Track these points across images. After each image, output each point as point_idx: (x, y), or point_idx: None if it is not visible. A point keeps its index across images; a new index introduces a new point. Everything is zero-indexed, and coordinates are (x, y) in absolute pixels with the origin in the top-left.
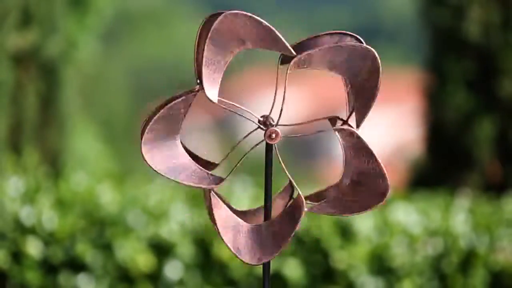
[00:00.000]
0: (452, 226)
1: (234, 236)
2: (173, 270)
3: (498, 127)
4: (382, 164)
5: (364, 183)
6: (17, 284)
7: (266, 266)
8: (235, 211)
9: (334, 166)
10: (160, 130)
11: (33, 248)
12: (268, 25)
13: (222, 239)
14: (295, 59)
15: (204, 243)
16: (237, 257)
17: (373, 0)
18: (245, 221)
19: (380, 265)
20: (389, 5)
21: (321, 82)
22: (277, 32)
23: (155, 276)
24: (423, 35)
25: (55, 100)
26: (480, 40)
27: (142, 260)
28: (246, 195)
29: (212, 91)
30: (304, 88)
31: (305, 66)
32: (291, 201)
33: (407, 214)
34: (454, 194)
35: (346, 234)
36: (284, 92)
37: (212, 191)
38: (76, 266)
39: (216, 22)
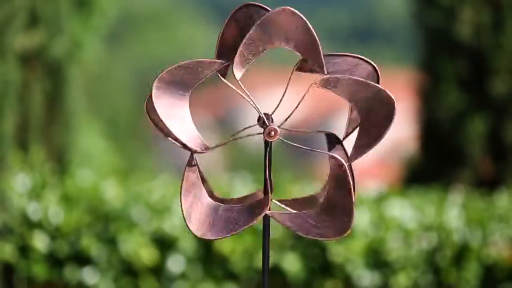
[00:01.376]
0: (445, 221)
1: (192, 203)
2: (175, 264)
3: (489, 125)
4: (354, 205)
5: (331, 214)
6: (24, 277)
7: (266, 260)
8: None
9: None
10: (177, 78)
11: (40, 242)
12: (316, 36)
13: (180, 200)
14: (324, 77)
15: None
16: (185, 222)
17: (369, 2)
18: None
19: (376, 258)
20: (385, 7)
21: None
22: (320, 46)
23: (158, 270)
24: (416, 36)
25: (61, 98)
26: (472, 41)
27: (146, 254)
28: (246, 191)
29: (239, 68)
30: (303, 87)
31: (329, 88)
32: (260, 197)
33: (402, 210)
34: (447, 190)
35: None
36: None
37: (194, 154)
38: (82, 259)
39: (274, 11)
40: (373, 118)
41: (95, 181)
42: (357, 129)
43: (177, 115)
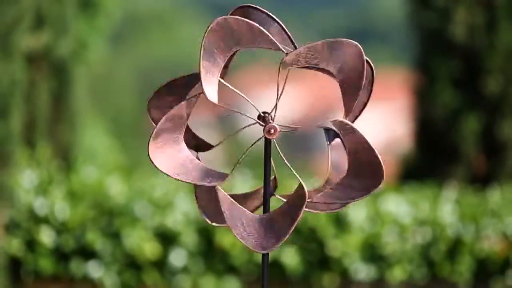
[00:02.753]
0: (440, 216)
1: (240, 226)
2: (177, 258)
3: (483, 123)
4: (378, 153)
5: (361, 174)
6: (31, 270)
7: (265, 254)
8: (236, 196)
9: (327, 162)
10: (166, 133)
11: (46, 236)
12: (258, 26)
13: (231, 230)
14: (285, 57)
15: (207, 232)
16: (244, 245)
17: (365, 3)
18: (246, 205)
19: (372, 253)
20: (381, 8)
21: (317, 80)
22: (266, 33)
23: (161, 263)
24: (412, 37)
25: (66, 97)
26: (466, 41)
27: (149, 248)
28: (246, 187)
29: (212, 94)
30: (302, 85)
31: (298, 64)
32: (293, 194)
33: (397, 205)
34: (441, 186)
35: (340, 223)
36: (281, 90)
37: (217, 187)
38: (87, 253)
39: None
40: (349, 76)
41: (99, 177)
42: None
43: (183, 165)
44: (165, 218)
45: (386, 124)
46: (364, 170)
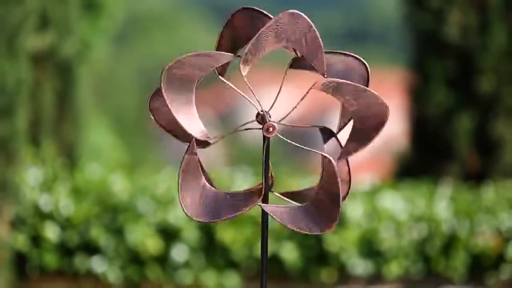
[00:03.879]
0: (435, 212)
1: (190, 188)
2: (179, 253)
3: (476, 121)
4: (340, 206)
5: (318, 210)
6: (36, 265)
7: (264, 249)
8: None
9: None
10: (185, 71)
11: (51, 232)
12: (319, 40)
13: (179, 185)
14: (324, 81)
15: (208, 228)
16: (182, 207)
17: (363, 5)
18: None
19: (369, 248)
20: (377, 10)
21: (315, 79)
22: (323, 51)
23: (163, 258)
24: (407, 38)
25: (71, 97)
26: (459, 42)
27: (151, 244)
28: (246, 184)
29: (245, 65)
30: (300, 85)
31: (328, 91)
32: (255, 189)
33: (394, 202)
34: (436, 183)
35: (338, 219)
36: (300, 101)
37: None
38: (91, 249)
39: (283, 13)
40: (366, 122)
41: (103, 174)
42: (350, 126)
43: (184, 107)
44: (167, 214)
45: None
46: (323, 205)
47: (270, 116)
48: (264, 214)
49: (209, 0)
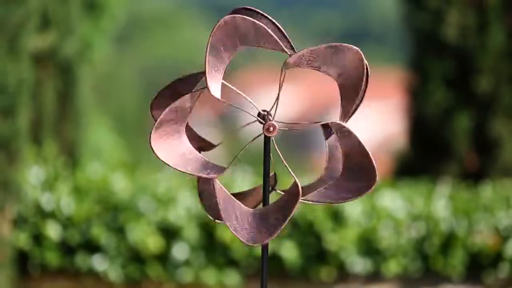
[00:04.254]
0: (433, 211)
1: (234, 219)
2: (180, 251)
3: (474, 121)
4: (371, 157)
5: (355, 177)
6: (38, 263)
7: (265, 247)
8: (233, 195)
9: (324, 159)
10: (169, 124)
11: (53, 231)
12: (264, 26)
13: (223, 221)
14: (288, 58)
15: (208, 227)
16: (235, 236)
17: (362, 5)
18: (247, 202)
19: (368, 246)
20: (377, 10)
21: (315, 79)
22: (272, 33)
23: (164, 257)
24: (406, 38)
25: (72, 96)
26: (458, 42)
27: (152, 242)
28: (246, 183)
29: (215, 88)
30: (300, 85)
31: (300, 66)
32: (288, 190)
33: (392, 200)
34: (435, 182)
35: (337, 218)
36: (279, 90)
37: (214, 179)
38: (92, 247)
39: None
40: (350, 79)
41: (104, 173)
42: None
43: (184, 156)
44: (168, 213)
45: (381, 122)
46: (357, 172)
47: (271, 116)
48: None
49: (210, 1)
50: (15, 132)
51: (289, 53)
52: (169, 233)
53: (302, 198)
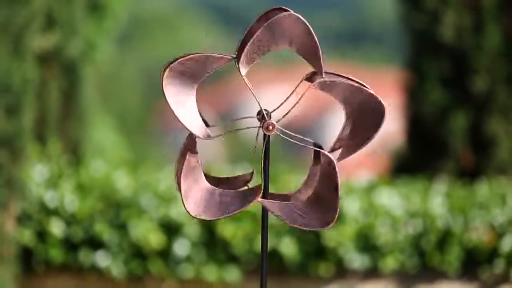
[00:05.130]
0: (430, 208)
1: (190, 185)
2: (181, 248)
3: (470, 119)
4: (338, 201)
5: (317, 207)
6: (42, 260)
7: (264, 244)
8: (213, 178)
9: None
10: (187, 69)
11: (56, 227)
12: (317, 41)
13: (179, 182)
14: (321, 80)
15: (209, 224)
16: (182, 202)
17: (361, 6)
18: (221, 184)
19: (366, 243)
20: (375, 11)
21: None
22: (320, 51)
23: (165, 253)
24: (404, 38)
25: (76, 95)
26: (454, 42)
27: (154, 239)
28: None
29: (244, 65)
30: (300, 85)
31: (325, 90)
32: (254, 186)
33: (390, 198)
34: (432, 180)
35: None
36: (298, 101)
37: (196, 139)
38: (95, 243)
39: (281, 15)
40: (364, 121)
41: (107, 171)
42: (348, 130)
43: (185, 103)
44: (170, 210)
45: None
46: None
47: (270, 115)
48: (264, 210)
49: (211, 2)
50: (20, 130)
51: (234, 56)
52: (171, 229)
53: (260, 200)
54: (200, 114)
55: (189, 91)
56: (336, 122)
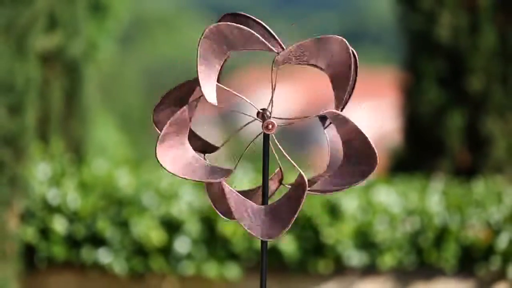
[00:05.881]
0: (427, 206)
1: (247, 218)
2: (182, 245)
3: (466, 119)
4: (370, 141)
5: (356, 163)
6: (45, 257)
7: (264, 241)
8: (243, 192)
9: (323, 154)
10: (171, 136)
11: (59, 225)
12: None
13: (239, 222)
14: (277, 56)
15: (210, 221)
16: (250, 235)
17: (359, 7)
18: (252, 199)
19: (364, 240)
20: (373, 12)
21: (312, 76)
22: (257, 35)
23: (166, 250)
24: (401, 38)
25: (78, 95)
26: (450, 42)
27: (155, 236)
28: (246, 179)
29: (211, 96)
30: (297, 82)
31: (289, 62)
32: (294, 183)
33: (388, 196)
34: (429, 178)
35: (334, 212)
36: (274, 87)
37: (222, 182)
38: (97, 241)
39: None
40: (338, 69)
41: (109, 170)
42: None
43: (190, 164)
44: (171, 207)
45: (376, 119)
46: (358, 157)
47: (270, 114)
48: None
49: (211, 3)
50: (23, 129)
51: (276, 51)
52: (172, 227)
53: (308, 189)
54: (201, 138)
55: (183, 146)
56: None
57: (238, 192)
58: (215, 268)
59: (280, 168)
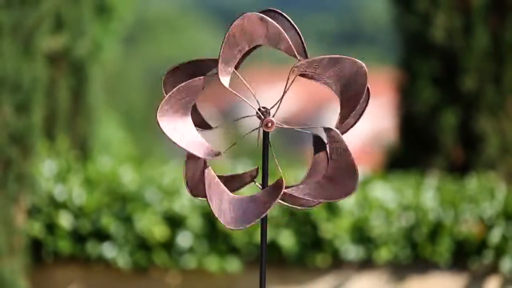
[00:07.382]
0: (422, 201)
1: (217, 202)
2: (184, 239)
3: (460, 117)
4: (356, 166)
5: (337, 180)
6: (51, 251)
7: (264, 236)
8: (222, 177)
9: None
10: (176, 100)
11: (65, 220)
12: (279, 29)
13: (209, 204)
14: (301, 62)
15: (211, 216)
16: (219, 218)
17: (355, 8)
18: (226, 183)
19: (361, 235)
20: (369, 13)
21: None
22: (284, 34)
23: (169, 245)
24: (396, 39)
25: (84, 94)
26: (445, 43)
27: (158, 231)
28: None
29: (225, 78)
30: (297, 81)
31: (313, 72)
32: (273, 184)
33: (384, 192)
34: (423, 175)
35: (332, 208)
36: (285, 91)
37: (206, 160)
38: (101, 236)
39: (239, 20)
40: (350, 89)
41: (113, 166)
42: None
43: (182, 130)
44: (173, 203)
45: (372, 118)
46: (339, 176)
47: (269, 113)
48: None
49: (213, 4)
50: (30, 127)
51: (299, 58)
52: (174, 222)
53: (286, 190)
54: (200, 114)
55: (183, 117)
56: (332, 118)
57: (218, 176)
58: (216, 262)
59: (257, 167)
